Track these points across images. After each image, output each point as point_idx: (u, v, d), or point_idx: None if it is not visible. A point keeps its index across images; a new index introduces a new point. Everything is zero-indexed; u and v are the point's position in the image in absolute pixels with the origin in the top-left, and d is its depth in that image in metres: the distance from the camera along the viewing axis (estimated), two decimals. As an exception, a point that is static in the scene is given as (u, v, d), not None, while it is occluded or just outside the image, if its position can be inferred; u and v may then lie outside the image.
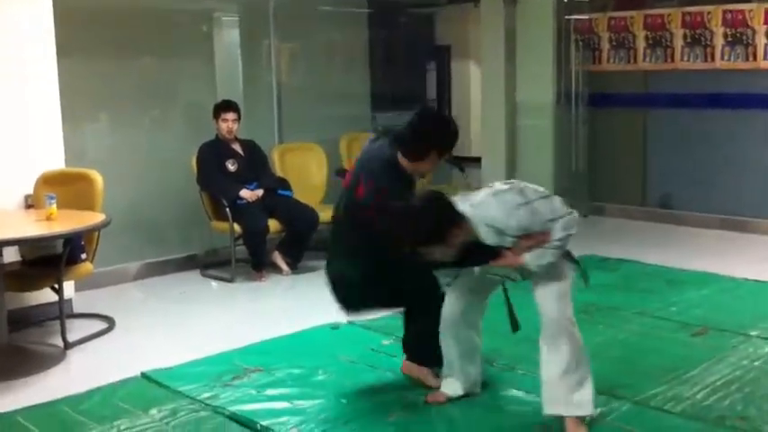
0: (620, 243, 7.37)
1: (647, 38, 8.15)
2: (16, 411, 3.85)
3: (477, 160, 9.53)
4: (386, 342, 4.69)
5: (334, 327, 4.99)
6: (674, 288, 5.77)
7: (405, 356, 4.04)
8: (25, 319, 5.21)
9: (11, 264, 4.91)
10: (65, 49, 5.45)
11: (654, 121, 8.34)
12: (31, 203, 5.23)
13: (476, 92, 9.22)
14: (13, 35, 5.16)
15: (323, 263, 3.97)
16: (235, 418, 3.74)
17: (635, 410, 3.71)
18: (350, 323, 5.03)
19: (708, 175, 7.94)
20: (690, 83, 7.94)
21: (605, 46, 8.47)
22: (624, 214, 8.52)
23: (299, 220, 6.43)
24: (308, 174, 7.21)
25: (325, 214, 6.65)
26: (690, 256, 6.72)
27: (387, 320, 5.09)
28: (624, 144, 8.56)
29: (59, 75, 5.37)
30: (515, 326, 3.65)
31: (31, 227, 4.75)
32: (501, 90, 8.91)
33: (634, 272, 6.27)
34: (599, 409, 3.58)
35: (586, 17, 8.57)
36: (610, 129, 8.63)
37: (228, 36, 7.31)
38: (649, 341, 4.69)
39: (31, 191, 5.23)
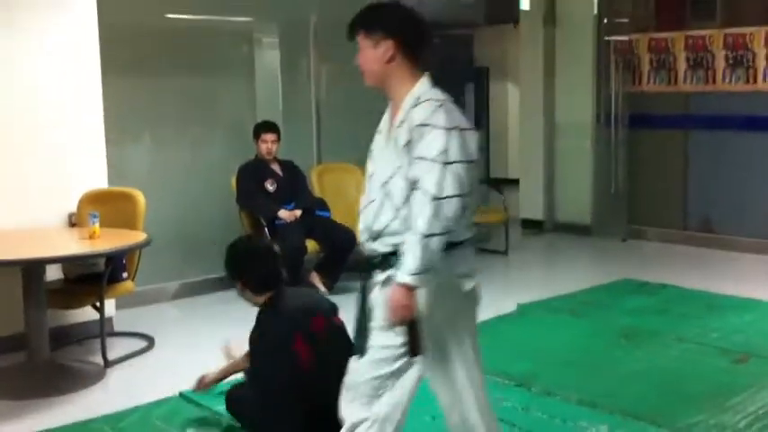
0: (659, 267, 7.29)
1: (687, 59, 8.08)
2: (56, 429, 3.89)
3: (516, 182, 9.51)
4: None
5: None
6: (715, 313, 5.69)
7: None
8: (66, 337, 5.27)
9: (54, 281, 4.98)
10: (108, 67, 5.53)
11: (695, 143, 8.24)
12: (74, 222, 5.30)
13: (514, 113, 9.21)
14: (58, 53, 5.25)
15: (360, 284, 3.94)
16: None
17: (675, 439, 3.64)
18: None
19: (750, 198, 7.83)
20: (731, 104, 7.85)
21: (646, 67, 8.42)
22: (664, 238, 8.39)
23: (336, 241, 6.44)
24: (345, 194, 7.22)
25: (363, 235, 6.68)
26: (731, 280, 6.63)
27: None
28: (664, 166, 8.47)
29: (103, 93, 5.46)
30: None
31: (75, 245, 4.82)
32: (540, 111, 8.92)
33: (674, 296, 6.19)
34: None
35: (627, 38, 8.51)
36: (650, 150, 8.55)
37: (269, 55, 7.37)
38: (690, 367, 4.62)
39: (74, 209, 5.30)
